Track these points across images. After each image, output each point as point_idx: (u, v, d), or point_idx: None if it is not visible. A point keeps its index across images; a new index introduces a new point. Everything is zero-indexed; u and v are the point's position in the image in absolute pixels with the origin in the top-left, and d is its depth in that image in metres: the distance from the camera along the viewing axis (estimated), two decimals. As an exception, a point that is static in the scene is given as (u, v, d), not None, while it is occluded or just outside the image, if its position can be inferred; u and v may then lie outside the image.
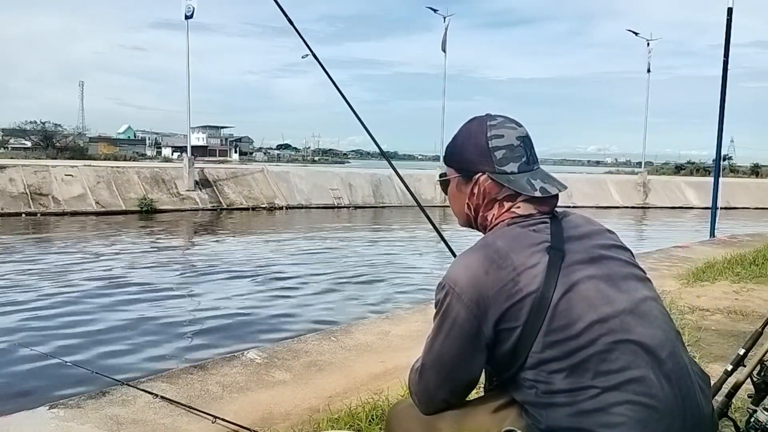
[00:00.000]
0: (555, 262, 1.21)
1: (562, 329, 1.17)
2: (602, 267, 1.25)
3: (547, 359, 1.17)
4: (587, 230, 1.32)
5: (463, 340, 1.23)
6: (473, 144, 1.35)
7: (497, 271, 1.20)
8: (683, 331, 3.77)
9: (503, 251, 1.22)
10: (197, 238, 16.24)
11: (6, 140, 57.19)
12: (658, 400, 1.14)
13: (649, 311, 1.24)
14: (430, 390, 1.31)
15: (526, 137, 1.36)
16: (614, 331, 1.18)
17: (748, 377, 1.83)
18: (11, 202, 18.97)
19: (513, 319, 1.18)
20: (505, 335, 1.19)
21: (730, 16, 11.29)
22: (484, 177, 1.33)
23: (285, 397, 2.92)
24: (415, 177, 28.53)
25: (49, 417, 2.60)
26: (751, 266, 6.38)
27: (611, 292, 1.22)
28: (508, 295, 1.18)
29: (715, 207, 12.12)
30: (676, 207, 29.81)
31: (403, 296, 8.72)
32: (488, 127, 1.35)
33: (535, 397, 1.19)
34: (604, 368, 1.15)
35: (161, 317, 7.28)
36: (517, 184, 1.30)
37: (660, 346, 1.20)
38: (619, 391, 1.14)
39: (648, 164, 41.64)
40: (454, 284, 1.22)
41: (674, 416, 1.16)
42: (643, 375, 1.15)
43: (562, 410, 1.15)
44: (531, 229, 1.27)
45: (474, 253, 1.26)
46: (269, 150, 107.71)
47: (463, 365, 1.26)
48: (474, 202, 1.37)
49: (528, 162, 1.34)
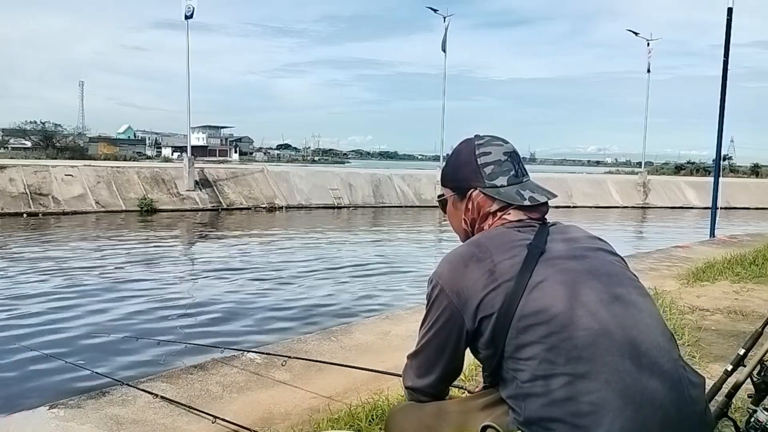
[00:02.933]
0: (533, 255, 1.27)
1: (534, 314, 1.20)
2: (584, 263, 1.29)
3: (522, 344, 1.20)
4: (575, 235, 1.38)
5: (447, 329, 1.31)
6: (464, 163, 1.46)
7: (477, 264, 1.28)
8: (683, 331, 3.77)
9: (484, 246, 1.31)
10: (197, 238, 16.24)
11: (6, 140, 57.17)
12: (633, 390, 1.13)
13: (633, 303, 1.25)
14: (419, 374, 1.40)
15: (512, 152, 1.46)
16: (589, 319, 1.18)
17: (748, 377, 1.82)
18: (11, 202, 18.97)
19: (489, 306, 1.24)
20: (485, 323, 1.25)
21: (730, 16, 11.31)
22: (477, 192, 1.42)
23: (285, 397, 2.92)
24: (415, 177, 28.57)
25: (49, 417, 2.61)
26: (751, 266, 6.38)
27: (591, 282, 1.24)
28: (485, 284, 1.25)
29: (715, 207, 12.13)
30: (676, 207, 29.81)
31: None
32: (476, 146, 1.45)
33: (516, 389, 1.21)
34: (575, 354, 1.16)
35: (162, 317, 7.28)
36: (507, 195, 1.39)
37: (641, 338, 1.19)
38: (590, 380, 1.14)
39: (648, 164, 41.61)
40: (439, 278, 1.32)
41: (654, 409, 1.14)
42: (617, 364, 1.15)
43: (537, 400, 1.17)
44: (516, 230, 1.35)
45: (458, 249, 1.37)
46: (269, 150, 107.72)
47: (449, 353, 1.34)
48: (470, 217, 1.45)
49: (517, 175, 1.43)
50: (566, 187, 29.54)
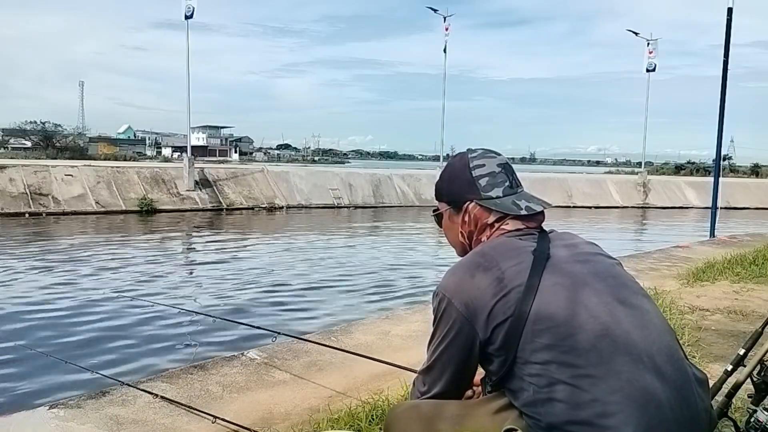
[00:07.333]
0: (540, 260, 1.27)
1: (548, 318, 1.20)
2: (588, 266, 1.30)
3: (537, 348, 1.20)
4: (573, 242, 1.40)
5: (459, 342, 1.29)
6: (458, 177, 1.47)
7: (483, 273, 1.27)
8: (683, 331, 3.77)
9: (489, 255, 1.31)
10: (197, 238, 16.23)
11: (6, 140, 57.18)
12: (652, 390, 1.15)
13: (639, 304, 1.27)
14: (433, 390, 1.38)
15: (506, 164, 1.48)
16: (603, 320, 1.20)
17: (748, 377, 1.82)
18: (11, 202, 18.97)
19: (501, 313, 1.23)
20: (498, 331, 1.24)
21: (730, 16, 11.30)
22: (473, 205, 1.44)
23: (285, 397, 2.92)
24: (415, 177, 28.57)
25: (49, 417, 2.61)
26: (751, 266, 6.37)
27: (598, 285, 1.26)
28: (494, 292, 1.24)
29: (715, 207, 12.12)
30: (676, 207, 29.79)
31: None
32: (470, 159, 1.47)
33: (533, 395, 1.20)
34: (594, 356, 1.17)
35: (162, 317, 7.26)
36: (503, 206, 1.41)
37: (651, 338, 1.21)
38: (612, 379, 1.15)
39: (648, 164, 41.56)
40: (445, 291, 1.31)
41: (671, 408, 1.15)
42: (634, 364, 1.16)
43: (561, 404, 1.16)
44: (518, 238, 1.35)
45: (462, 260, 1.37)
46: (269, 150, 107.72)
47: (462, 366, 1.33)
48: (467, 230, 1.46)
49: (511, 186, 1.45)
50: (566, 187, 29.55)
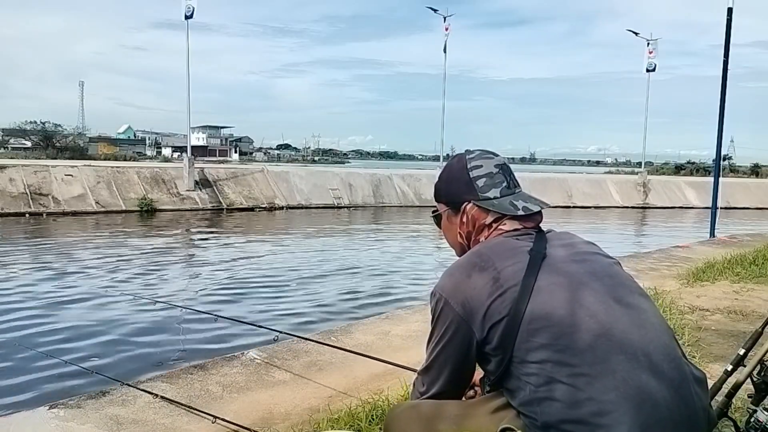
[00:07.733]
0: (536, 260, 1.28)
1: (543, 317, 1.20)
2: (585, 266, 1.31)
3: (533, 347, 1.20)
4: (571, 241, 1.41)
5: (456, 342, 1.30)
6: (456, 178, 1.48)
7: (479, 273, 1.28)
8: (683, 331, 3.77)
9: (485, 255, 1.32)
10: (197, 238, 16.23)
11: (6, 140, 57.15)
12: (648, 389, 1.15)
13: (637, 303, 1.27)
14: (432, 389, 1.39)
15: (503, 165, 1.49)
16: (600, 319, 1.20)
17: (748, 377, 1.82)
18: (11, 202, 18.96)
19: (497, 313, 1.24)
20: (494, 330, 1.25)
21: (730, 16, 11.30)
22: (471, 205, 1.45)
23: (285, 397, 2.92)
24: (415, 177, 28.57)
25: (49, 417, 2.61)
26: (751, 266, 6.37)
27: (595, 284, 1.26)
28: (490, 292, 1.25)
29: (715, 207, 12.12)
30: (676, 207, 29.79)
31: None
32: (467, 161, 1.48)
33: (530, 394, 1.21)
34: (589, 355, 1.17)
35: (162, 316, 7.27)
36: (501, 206, 1.42)
37: (648, 336, 1.21)
38: (607, 378, 1.15)
39: (648, 164, 41.58)
40: (442, 291, 1.32)
41: (668, 407, 1.15)
42: (629, 362, 1.16)
43: (557, 403, 1.17)
44: (514, 238, 1.36)
45: (459, 260, 1.38)
46: (269, 150, 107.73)
47: (460, 365, 1.34)
48: (465, 230, 1.47)
49: (509, 186, 1.46)
50: (566, 187, 29.55)
